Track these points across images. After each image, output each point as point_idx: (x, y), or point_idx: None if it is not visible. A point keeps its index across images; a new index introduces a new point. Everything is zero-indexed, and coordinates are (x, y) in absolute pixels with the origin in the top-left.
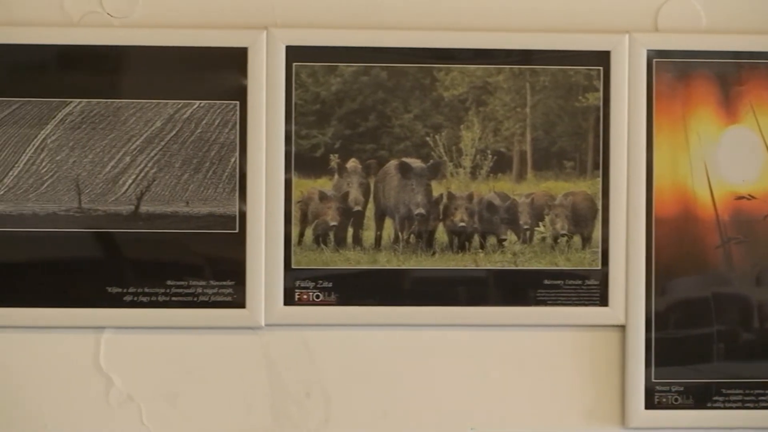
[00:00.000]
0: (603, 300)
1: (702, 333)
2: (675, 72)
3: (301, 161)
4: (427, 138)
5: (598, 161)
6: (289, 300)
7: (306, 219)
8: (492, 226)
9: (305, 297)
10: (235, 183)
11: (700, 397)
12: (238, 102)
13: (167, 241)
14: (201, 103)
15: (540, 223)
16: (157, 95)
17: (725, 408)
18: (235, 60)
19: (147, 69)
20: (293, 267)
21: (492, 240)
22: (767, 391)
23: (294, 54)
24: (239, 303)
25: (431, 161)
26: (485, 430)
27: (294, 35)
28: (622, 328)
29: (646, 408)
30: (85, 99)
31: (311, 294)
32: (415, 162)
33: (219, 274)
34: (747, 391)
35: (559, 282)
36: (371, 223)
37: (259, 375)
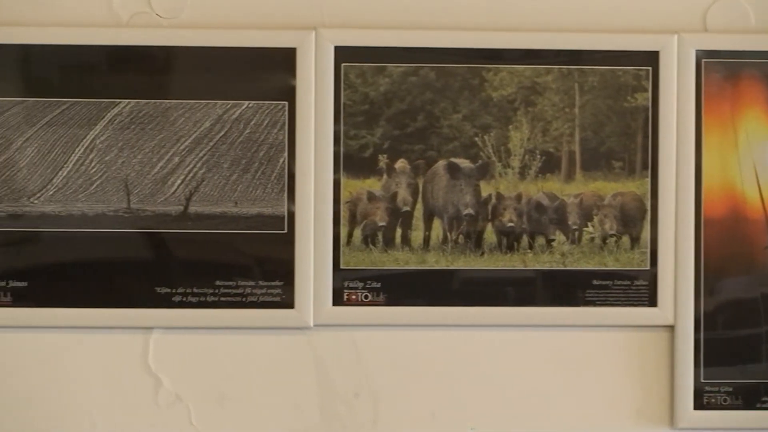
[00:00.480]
0: (652, 300)
1: (751, 333)
2: (724, 72)
3: (350, 162)
4: (476, 138)
5: (646, 161)
6: (338, 300)
7: (354, 219)
8: (540, 226)
9: (354, 297)
10: (284, 183)
11: (749, 398)
12: (286, 102)
13: (216, 242)
14: (250, 104)
15: (589, 224)
16: (206, 96)
17: None
18: (284, 60)
19: (196, 69)
20: (342, 267)
21: (540, 240)
22: None
23: (342, 54)
24: (288, 303)
25: (480, 161)
26: (536, 430)
27: (343, 35)
28: (670, 328)
29: (695, 408)
30: (134, 99)
31: (360, 294)
32: (464, 162)
33: (268, 274)
34: None
35: (608, 282)
36: (420, 224)
37: (308, 375)
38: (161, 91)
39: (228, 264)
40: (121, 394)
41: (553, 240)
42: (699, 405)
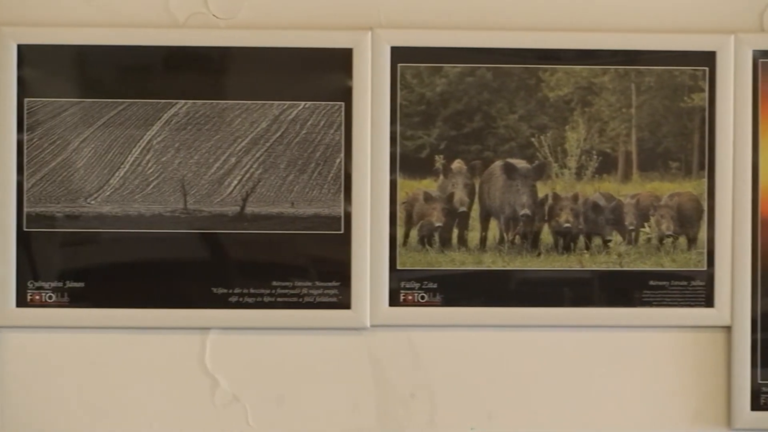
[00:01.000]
0: (708, 301)
1: None
2: None
3: (406, 162)
4: (532, 139)
5: (703, 162)
6: (394, 301)
7: (411, 220)
8: (597, 226)
9: (410, 298)
10: (341, 184)
11: None
12: (343, 103)
13: (272, 242)
14: (306, 104)
15: (645, 224)
16: (263, 96)
17: None
18: (340, 61)
19: (252, 70)
20: (398, 268)
21: (597, 241)
22: None
23: (399, 55)
24: (344, 304)
25: (536, 162)
26: (593, 431)
27: (399, 36)
28: (727, 329)
29: (752, 409)
30: (191, 100)
31: (416, 295)
32: (520, 163)
33: (324, 275)
34: None
35: (665, 283)
36: (476, 224)
37: (365, 376)
38: (218, 92)
39: (284, 264)
40: (178, 394)
41: (610, 240)
42: (756, 406)
